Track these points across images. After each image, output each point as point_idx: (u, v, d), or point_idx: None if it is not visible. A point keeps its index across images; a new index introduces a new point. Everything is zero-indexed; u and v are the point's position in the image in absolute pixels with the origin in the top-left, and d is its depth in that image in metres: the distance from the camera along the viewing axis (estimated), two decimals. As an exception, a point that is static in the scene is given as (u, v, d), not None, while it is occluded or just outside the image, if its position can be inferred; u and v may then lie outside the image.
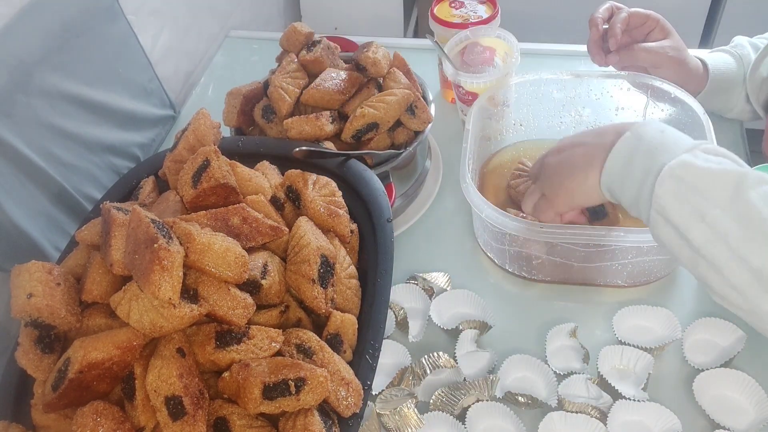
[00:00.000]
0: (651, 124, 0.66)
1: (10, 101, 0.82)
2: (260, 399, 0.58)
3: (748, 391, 0.74)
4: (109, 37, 1.01)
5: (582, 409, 0.73)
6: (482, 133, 0.99)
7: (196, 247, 0.60)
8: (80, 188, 0.95)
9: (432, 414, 0.74)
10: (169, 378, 0.58)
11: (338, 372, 0.62)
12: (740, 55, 0.98)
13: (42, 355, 0.62)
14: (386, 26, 1.82)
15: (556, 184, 0.74)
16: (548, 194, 0.76)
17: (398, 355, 0.81)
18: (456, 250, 0.95)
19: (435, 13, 1.08)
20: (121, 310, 0.60)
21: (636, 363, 0.77)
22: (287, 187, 0.75)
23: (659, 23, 0.96)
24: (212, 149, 0.70)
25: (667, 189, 0.59)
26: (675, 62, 0.94)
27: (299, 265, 0.67)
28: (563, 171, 0.72)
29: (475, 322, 0.81)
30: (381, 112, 0.86)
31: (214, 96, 1.27)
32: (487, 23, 1.05)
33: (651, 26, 0.95)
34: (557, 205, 0.75)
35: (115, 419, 0.57)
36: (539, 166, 0.79)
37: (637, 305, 0.82)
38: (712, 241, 0.56)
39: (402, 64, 0.94)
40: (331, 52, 0.94)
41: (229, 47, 1.39)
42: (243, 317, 0.62)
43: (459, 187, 0.85)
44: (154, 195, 0.79)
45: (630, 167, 0.64)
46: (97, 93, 0.98)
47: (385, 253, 0.72)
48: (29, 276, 0.63)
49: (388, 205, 0.77)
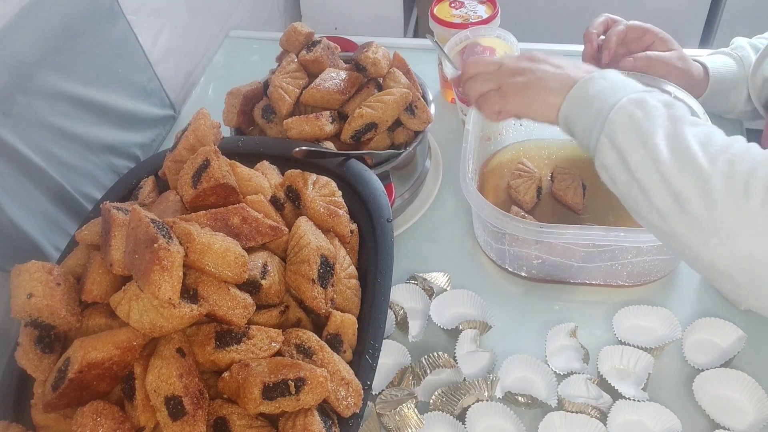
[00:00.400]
0: (615, 71, 0.72)
1: (10, 101, 0.82)
2: (260, 399, 0.58)
3: (748, 391, 0.74)
4: (109, 37, 1.01)
5: (582, 409, 0.73)
6: (482, 133, 0.99)
7: (195, 247, 0.60)
8: (80, 188, 0.95)
9: (432, 414, 0.74)
10: (169, 378, 0.58)
11: (338, 372, 0.62)
12: (740, 57, 0.98)
13: (42, 355, 0.62)
14: (386, 26, 1.82)
15: (518, 88, 0.76)
16: (505, 91, 0.77)
17: (398, 355, 0.81)
18: (456, 250, 0.95)
19: (435, 13, 1.08)
20: (121, 310, 0.60)
21: (636, 363, 0.77)
22: (287, 187, 0.75)
23: (658, 36, 0.96)
24: (212, 149, 0.70)
25: (621, 115, 0.65)
26: (683, 73, 0.95)
27: (299, 265, 0.67)
28: (532, 80, 0.75)
29: (475, 322, 0.81)
30: (379, 112, 0.86)
31: (214, 96, 1.27)
32: (487, 23, 1.05)
33: (650, 40, 0.96)
34: (508, 104, 0.77)
35: (115, 419, 0.58)
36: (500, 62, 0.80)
37: (637, 305, 0.82)
38: (647, 166, 0.62)
39: (402, 64, 0.94)
40: (331, 52, 0.94)
41: (229, 47, 1.39)
42: (243, 317, 0.62)
43: (459, 187, 0.85)
44: (154, 195, 0.79)
45: (591, 99, 0.69)
46: (97, 93, 0.98)
47: (385, 253, 0.72)
48: (29, 276, 0.63)
49: (388, 205, 0.77)
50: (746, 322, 0.80)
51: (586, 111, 0.69)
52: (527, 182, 0.95)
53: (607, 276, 0.86)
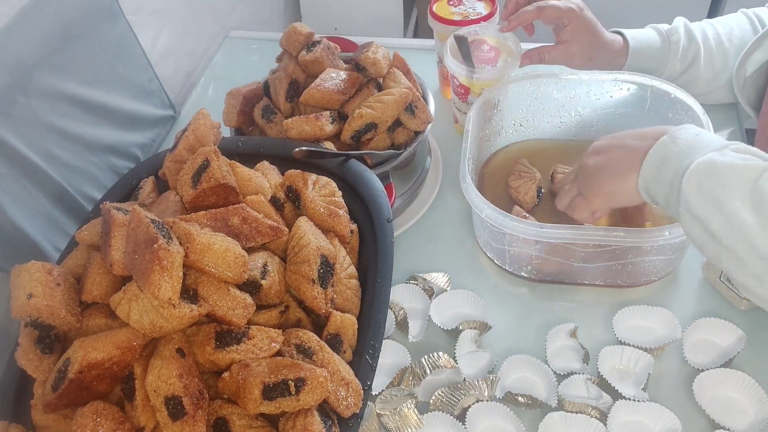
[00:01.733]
0: (687, 128, 0.68)
1: (9, 102, 0.82)
2: (260, 399, 0.58)
3: (748, 391, 0.74)
4: (109, 38, 1.01)
5: (582, 410, 0.73)
6: (482, 133, 0.99)
7: (195, 247, 0.60)
8: (80, 188, 0.95)
9: (432, 414, 0.74)
10: (169, 378, 0.58)
11: (338, 372, 0.62)
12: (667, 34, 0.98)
13: (42, 356, 0.62)
14: (386, 26, 1.82)
15: (596, 185, 0.76)
16: (587, 194, 0.78)
17: (398, 355, 0.81)
18: (456, 250, 0.95)
19: (434, 11, 1.08)
20: (121, 310, 0.60)
21: (636, 363, 0.77)
22: (287, 187, 0.75)
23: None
24: (212, 149, 0.70)
25: (691, 184, 0.62)
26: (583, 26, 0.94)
27: (299, 266, 0.67)
28: (604, 173, 0.74)
29: (474, 322, 0.81)
30: (379, 112, 0.86)
31: (214, 96, 1.27)
32: (486, 20, 1.05)
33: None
34: (596, 204, 0.78)
35: (114, 419, 0.58)
36: (577, 168, 0.82)
37: (637, 305, 0.82)
38: (731, 232, 0.58)
39: (402, 64, 0.94)
40: (331, 53, 0.94)
41: (228, 47, 1.39)
42: (243, 317, 0.62)
43: (459, 187, 0.85)
44: (154, 195, 0.79)
45: (663, 168, 0.66)
46: (96, 93, 0.98)
47: (385, 253, 0.72)
48: (29, 276, 0.63)
49: (388, 205, 0.77)
50: (746, 323, 0.80)
51: (660, 184, 0.67)
52: (527, 183, 0.95)
53: (607, 276, 0.86)
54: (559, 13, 0.94)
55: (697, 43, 0.97)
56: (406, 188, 0.96)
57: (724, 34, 0.98)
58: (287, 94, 0.91)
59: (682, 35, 0.98)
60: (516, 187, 0.95)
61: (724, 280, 0.83)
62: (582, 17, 0.95)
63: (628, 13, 1.50)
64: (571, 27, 0.95)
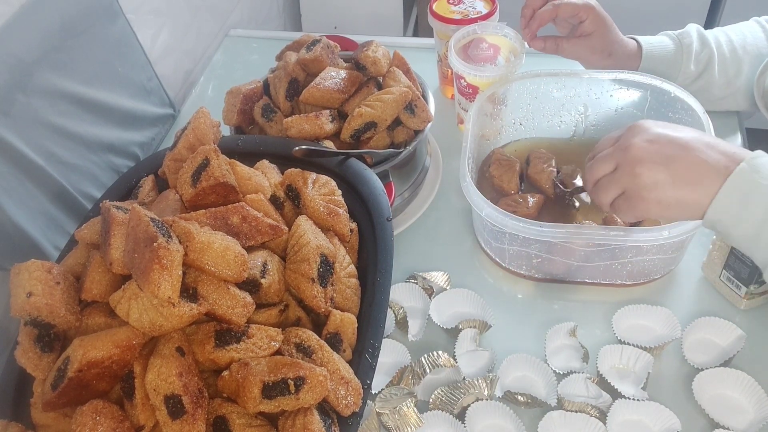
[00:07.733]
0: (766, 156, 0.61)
1: (9, 100, 0.82)
2: (260, 398, 0.58)
3: (747, 391, 0.74)
4: (109, 36, 1.01)
5: (581, 409, 0.73)
6: (482, 132, 0.99)
7: (195, 245, 0.60)
8: (80, 187, 0.95)
9: (431, 413, 0.74)
10: (169, 377, 0.58)
11: (338, 371, 0.62)
12: (680, 40, 0.97)
13: (41, 354, 0.62)
14: (386, 25, 1.82)
15: (647, 190, 0.66)
16: (633, 197, 0.67)
17: (398, 354, 0.81)
18: (456, 249, 0.95)
19: (434, 9, 1.08)
20: (121, 309, 0.60)
21: (635, 362, 0.78)
22: (287, 186, 0.75)
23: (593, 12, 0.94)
24: (212, 148, 0.70)
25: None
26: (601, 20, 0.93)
27: (299, 264, 0.67)
28: (658, 177, 0.65)
29: (474, 321, 0.81)
30: (378, 111, 0.86)
31: (213, 95, 1.27)
32: (486, 19, 1.05)
33: (584, 17, 0.94)
34: (643, 211, 0.68)
35: (114, 418, 0.58)
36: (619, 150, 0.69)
37: (636, 304, 0.82)
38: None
39: (402, 63, 0.94)
40: (330, 51, 0.94)
41: (228, 46, 1.39)
42: (242, 316, 0.62)
43: (459, 185, 0.85)
44: (154, 194, 0.79)
45: (748, 205, 0.60)
46: (96, 92, 0.98)
47: (385, 252, 0.72)
48: (29, 275, 0.63)
49: (388, 204, 0.77)
50: (746, 322, 0.80)
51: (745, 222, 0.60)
52: (509, 172, 0.96)
53: (606, 275, 0.86)
54: (576, 8, 0.93)
55: (710, 47, 0.96)
56: (406, 187, 0.96)
57: (737, 41, 0.96)
58: (287, 92, 0.91)
59: (694, 39, 0.97)
60: (498, 175, 0.95)
61: (724, 279, 0.83)
62: (600, 12, 0.94)
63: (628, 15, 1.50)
64: (590, 21, 0.93)
